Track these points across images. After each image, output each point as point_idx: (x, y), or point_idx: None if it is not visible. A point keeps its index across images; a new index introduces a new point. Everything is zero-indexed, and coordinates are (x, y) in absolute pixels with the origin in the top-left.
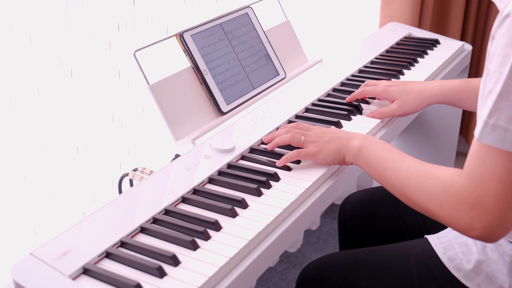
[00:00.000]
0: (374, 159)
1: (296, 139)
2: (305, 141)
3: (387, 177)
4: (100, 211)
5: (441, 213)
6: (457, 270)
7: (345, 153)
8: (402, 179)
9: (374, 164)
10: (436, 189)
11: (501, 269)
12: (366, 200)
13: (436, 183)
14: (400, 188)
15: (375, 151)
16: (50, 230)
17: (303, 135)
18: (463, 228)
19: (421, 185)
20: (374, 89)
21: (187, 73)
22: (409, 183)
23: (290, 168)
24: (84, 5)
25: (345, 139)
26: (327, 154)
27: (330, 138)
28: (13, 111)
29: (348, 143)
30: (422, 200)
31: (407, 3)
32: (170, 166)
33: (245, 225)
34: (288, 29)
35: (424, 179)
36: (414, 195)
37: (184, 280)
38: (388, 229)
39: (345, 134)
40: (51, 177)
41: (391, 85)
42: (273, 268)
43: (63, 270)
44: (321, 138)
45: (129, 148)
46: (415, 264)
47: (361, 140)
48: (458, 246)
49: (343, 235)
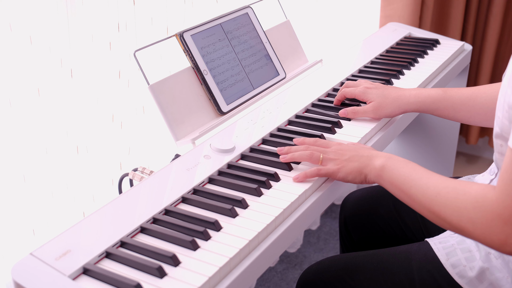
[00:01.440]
0: (399, 177)
1: (315, 157)
2: (324, 159)
3: (413, 195)
4: (100, 211)
5: (473, 230)
6: (460, 277)
7: (367, 173)
8: (430, 196)
9: (399, 183)
10: (467, 205)
11: (505, 277)
12: (367, 199)
13: (467, 199)
14: (428, 206)
15: (399, 169)
16: (50, 230)
17: (322, 152)
18: (497, 244)
19: (450, 202)
20: (353, 90)
21: (187, 73)
22: (437, 199)
23: (290, 168)
24: (84, 5)
25: (367, 158)
26: (347, 172)
27: (351, 156)
28: (13, 111)
29: (370, 162)
30: (452, 217)
31: (407, 3)
32: (170, 166)
33: (245, 225)
34: (288, 29)
35: (454, 195)
36: (443, 212)
37: (184, 280)
38: (388, 227)
39: (366, 153)
40: (51, 177)
41: (370, 87)
42: (273, 268)
43: (63, 270)
44: (341, 156)
45: (129, 148)
46: (417, 269)
47: (384, 159)
48: (461, 252)
49: (344, 234)
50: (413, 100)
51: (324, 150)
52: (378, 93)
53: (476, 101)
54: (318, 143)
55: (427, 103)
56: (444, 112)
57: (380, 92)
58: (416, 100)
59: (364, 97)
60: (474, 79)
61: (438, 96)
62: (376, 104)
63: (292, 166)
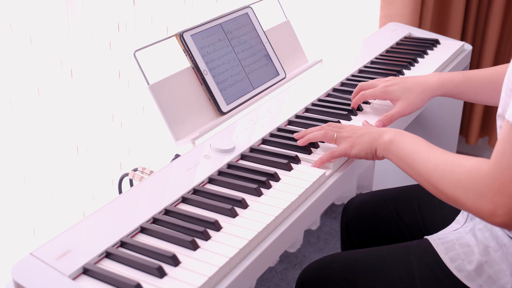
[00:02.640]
0: (404, 151)
1: (329, 135)
2: (338, 138)
3: (415, 167)
4: (100, 211)
5: (465, 200)
6: (458, 271)
7: (377, 146)
8: (430, 168)
9: (404, 156)
10: (462, 176)
11: (504, 270)
12: (368, 203)
13: (462, 171)
14: (427, 177)
15: (405, 143)
16: (50, 230)
17: (336, 131)
18: (486, 214)
19: (447, 174)
20: (373, 92)
21: (187, 73)
22: (436, 172)
23: (290, 168)
24: (84, 5)
25: (377, 134)
26: (360, 148)
27: (363, 134)
28: (13, 111)
29: (380, 137)
30: (448, 188)
31: (407, 3)
32: (170, 166)
33: (245, 225)
34: (288, 29)
35: (451, 168)
36: (440, 183)
37: (184, 280)
38: (389, 230)
39: (377, 129)
40: (51, 177)
41: (389, 85)
42: (273, 268)
43: (63, 270)
44: (354, 134)
45: (129, 148)
46: (416, 264)
47: (393, 133)
48: (459, 247)
49: (345, 237)
50: (437, 84)
51: (338, 130)
52: (400, 89)
53: (496, 83)
54: (332, 125)
55: (451, 87)
56: (466, 95)
57: (402, 87)
58: (440, 85)
59: (386, 97)
60: None
61: (459, 80)
62: (405, 101)
63: (292, 166)
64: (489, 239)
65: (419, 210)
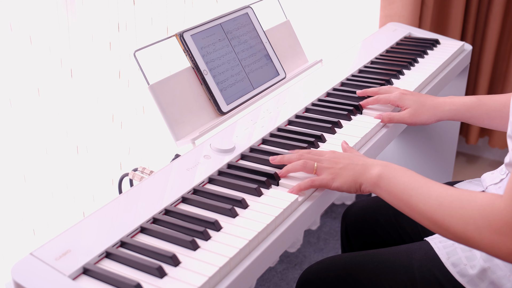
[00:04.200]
0: (398, 186)
1: (309, 165)
2: (319, 168)
3: (414, 204)
4: (100, 211)
5: (480, 239)
6: (461, 276)
7: (362, 182)
8: (432, 205)
9: (398, 192)
10: (474, 213)
11: (507, 276)
12: (367, 208)
13: (474, 208)
14: (430, 216)
15: (397, 178)
16: (50, 230)
17: (316, 161)
18: (505, 254)
19: (455, 211)
20: (388, 96)
21: (187, 73)
22: (441, 209)
23: None
24: (84, 5)
25: (362, 167)
26: (342, 182)
27: (346, 165)
28: (13, 111)
29: (365, 171)
30: (458, 226)
31: (407, 3)
32: (170, 166)
33: (245, 225)
34: (288, 29)
35: (459, 204)
36: (447, 221)
37: (184, 280)
38: (388, 236)
39: (361, 161)
40: (51, 177)
41: (406, 93)
42: (273, 268)
43: (63, 270)
44: (335, 164)
45: (129, 148)
46: (418, 268)
47: (380, 167)
48: (461, 251)
49: (345, 243)
50: (448, 108)
51: (318, 158)
52: (415, 100)
53: None
54: (312, 152)
55: (462, 111)
56: (479, 120)
57: (416, 98)
58: (451, 108)
59: (399, 103)
60: (474, 79)
61: (472, 103)
62: (412, 111)
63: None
64: None
65: None
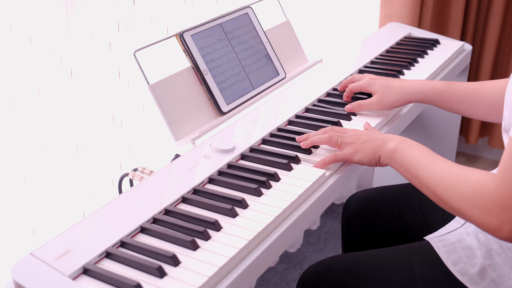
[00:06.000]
0: (409, 160)
1: (333, 140)
2: (342, 143)
3: (420, 177)
4: (100, 211)
5: (471, 214)
6: (461, 274)
7: (380, 154)
8: (435, 180)
9: (408, 166)
10: (468, 190)
11: (507, 273)
12: (369, 199)
13: (468, 185)
14: (433, 189)
15: (410, 152)
16: (50, 230)
17: (340, 137)
18: (492, 229)
19: (453, 187)
20: (358, 83)
21: (187, 73)
22: (441, 184)
23: (290, 168)
24: (84, 5)
25: (381, 141)
26: (363, 155)
27: (366, 140)
28: (13, 111)
29: (384, 145)
30: (453, 201)
31: (407, 3)
32: (170, 166)
33: (245, 225)
34: (288, 29)
35: (457, 181)
36: (445, 195)
37: (184, 280)
38: (390, 227)
39: (381, 136)
40: (51, 177)
41: (375, 78)
42: (273, 268)
43: (63, 270)
44: (357, 140)
45: (129, 148)
46: (418, 267)
47: (397, 142)
48: (461, 250)
49: (346, 233)
50: (418, 90)
51: (342, 135)
52: (383, 83)
53: (479, 95)
54: (335, 129)
55: (431, 94)
56: (447, 104)
57: (385, 82)
58: (421, 90)
59: (369, 89)
60: (474, 79)
61: (442, 88)
62: (380, 95)
63: (293, 166)
64: (492, 241)
65: (421, 208)
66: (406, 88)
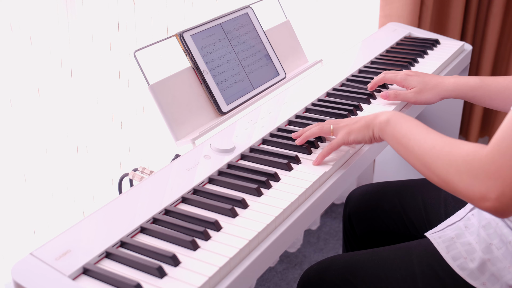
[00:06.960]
0: (400, 131)
1: (325, 128)
2: (335, 129)
3: (410, 147)
4: (100, 211)
5: (458, 182)
6: (461, 269)
7: (373, 127)
8: (425, 149)
9: (400, 136)
10: (458, 157)
11: (507, 267)
12: (372, 194)
13: (459, 153)
14: (422, 158)
15: (402, 123)
16: (50, 230)
17: (332, 123)
18: (477, 197)
19: (443, 154)
20: (394, 76)
21: (187, 73)
22: (432, 152)
23: (290, 168)
24: (84, 5)
25: (374, 115)
26: (357, 133)
27: (359, 119)
28: (13, 111)
29: (376, 118)
30: (441, 169)
31: (407, 3)
32: (170, 166)
33: (245, 225)
34: (288, 29)
35: (448, 149)
36: (434, 163)
37: (184, 280)
38: (392, 222)
39: (373, 114)
40: (51, 177)
41: (411, 74)
42: (273, 268)
43: (63, 270)
44: (349, 122)
45: (129, 148)
46: (418, 264)
47: (390, 114)
48: (460, 245)
49: (348, 229)
50: (452, 87)
51: (335, 122)
52: (419, 80)
53: None
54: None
55: (465, 91)
56: (481, 100)
57: (421, 79)
58: (455, 88)
59: (405, 83)
60: None
61: (475, 84)
62: (417, 90)
63: (293, 166)
64: (492, 236)
65: (424, 205)
66: (441, 86)
